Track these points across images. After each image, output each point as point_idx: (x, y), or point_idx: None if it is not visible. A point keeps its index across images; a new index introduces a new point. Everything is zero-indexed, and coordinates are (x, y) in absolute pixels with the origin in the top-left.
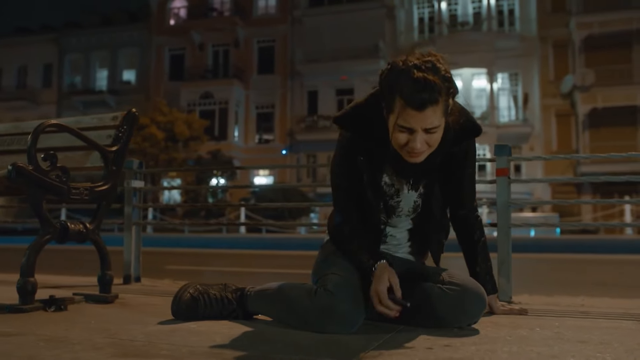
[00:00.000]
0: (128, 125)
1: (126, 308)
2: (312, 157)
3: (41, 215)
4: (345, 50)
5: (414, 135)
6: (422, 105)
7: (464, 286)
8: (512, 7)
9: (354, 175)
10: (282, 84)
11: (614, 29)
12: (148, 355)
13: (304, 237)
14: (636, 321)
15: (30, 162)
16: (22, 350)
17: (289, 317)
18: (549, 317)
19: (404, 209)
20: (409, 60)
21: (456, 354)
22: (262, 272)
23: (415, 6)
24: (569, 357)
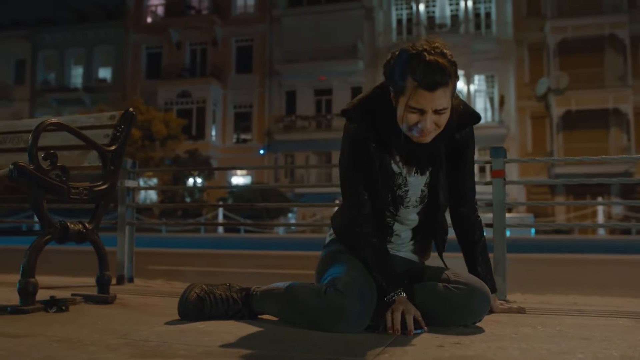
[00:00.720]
0: (126, 124)
1: (127, 309)
2: (290, 157)
3: (42, 216)
4: (324, 51)
5: (424, 115)
6: (434, 86)
7: (470, 285)
8: (489, 10)
9: (364, 165)
10: (260, 84)
11: (587, 34)
12: (166, 356)
13: (284, 237)
14: (631, 318)
15: (31, 162)
16: (38, 351)
17: (297, 316)
18: (547, 315)
19: (411, 198)
20: (417, 45)
21: (469, 351)
22: (244, 272)
23: (394, 8)
24: (577, 353)
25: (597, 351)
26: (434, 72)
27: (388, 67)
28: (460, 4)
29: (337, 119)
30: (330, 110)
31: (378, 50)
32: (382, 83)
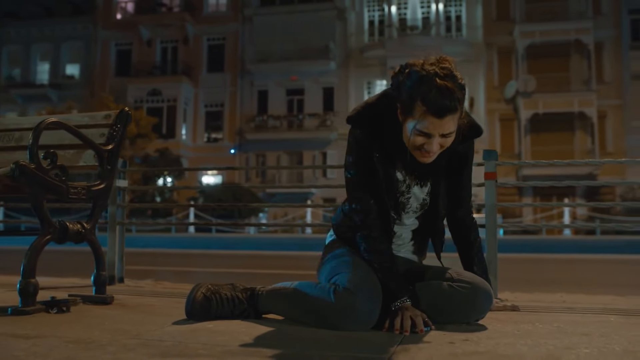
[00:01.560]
0: (121, 124)
1: (128, 309)
2: (261, 156)
3: (42, 216)
4: (296, 51)
5: (431, 139)
6: (443, 113)
7: (474, 284)
8: (460, 13)
9: (370, 171)
10: (232, 83)
11: (554, 39)
12: (186, 355)
13: (255, 237)
14: (621, 315)
15: (32, 161)
16: (56, 352)
17: (306, 315)
18: (542, 313)
19: (412, 205)
20: (427, 65)
21: (479, 348)
22: (221, 272)
23: (366, 9)
24: (582, 348)
25: (600, 346)
26: (443, 98)
27: (396, 82)
28: (431, 6)
29: (309, 118)
30: (302, 110)
31: (350, 51)
32: (389, 92)
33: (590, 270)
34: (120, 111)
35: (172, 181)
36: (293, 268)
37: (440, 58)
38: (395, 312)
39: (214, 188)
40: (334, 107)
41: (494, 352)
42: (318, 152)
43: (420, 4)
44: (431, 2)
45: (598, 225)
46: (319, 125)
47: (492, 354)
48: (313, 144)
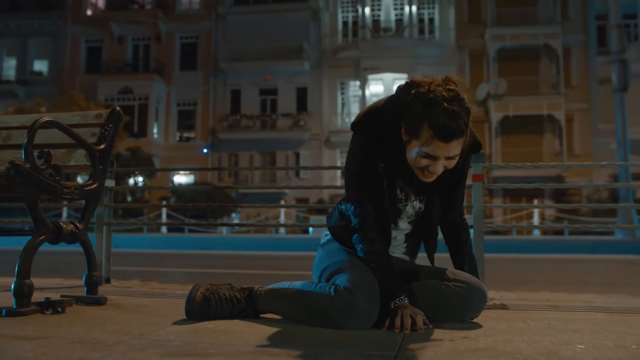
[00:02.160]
0: (113, 123)
1: (123, 310)
2: (234, 156)
3: (37, 216)
4: (270, 50)
5: (436, 161)
6: (450, 138)
7: (470, 283)
8: (432, 16)
9: (371, 177)
10: (205, 82)
11: (524, 43)
12: (197, 355)
13: (228, 236)
14: (605, 313)
15: (27, 160)
16: (65, 353)
17: (306, 315)
18: (530, 311)
19: (408, 212)
20: (434, 87)
21: (479, 344)
22: (198, 272)
23: (340, 10)
24: (577, 344)
25: (593, 342)
26: (451, 123)
27: (400, 100)
28: (404, 8)
29: (282, 118)
30: (275, 110)
31: (324, 52)
32: (393, 100)
33: (567, 269)
34: (111, 111)
35: (143, 180)
36: (271, 268)
37: (446, 79)
38: (395, 311)
39: (187, 188)
40: (308, 107)
41: (494, 348)
42: (291, 152)
43: (393, 6)
44: (404, 4)
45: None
46: (292, 125)
47: (494, 351)
48: (286, 144)
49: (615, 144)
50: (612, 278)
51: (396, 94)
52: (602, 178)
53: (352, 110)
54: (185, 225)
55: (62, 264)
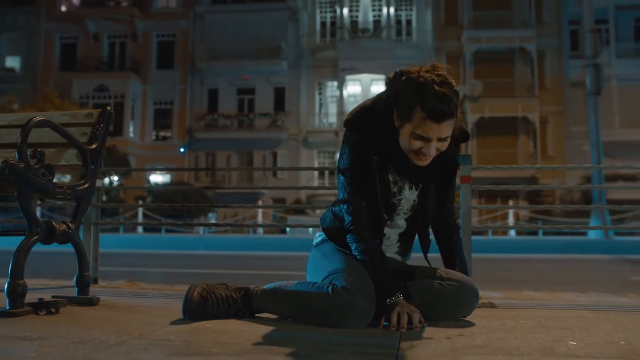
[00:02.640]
0: (104, 123)
1: (117, 310)
2: (211, 155)
3: (30, 215)
4: (248, 50)
5: (429, 143)
6: (441, 118)
7: (463, 282)
8: (410, 17)
9: (364, 174)
10: (182, 80)
11: (500, 46)
12: (203, 354)
13: (206, 237)
14: (590, 311)
15: (21, 160)
16: (69, 353)
17: (303, 314)
18: (517, 309)
19: (404, 207)
20: (423, 73)
21: (476, 342)
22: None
23: (318, 10)
24: (568, 341)
25: (583, 339)
26: (442, 104)
27: (391, 89)
28: (382, 10)
29: (260, 118)
30: (252, 109)
31: (302, 52)
32: (383, 96)
33: (544, 269)
34: (102, 110)
35: (118, 180)
36: (251, 268)
37: (434, 65)
38: (391, 309)
39: (164, 187)
40: (285, 107)
41: (490, 345)
42: (269, 152)
43: (371, 7)
44: (382, 6)
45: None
46: (270, 125)
47: (490, 348)
48: (264, 143)
49: (587, 145)
50: (589, 277)
51: (386, 87)
52: (575, 179)
53: (330, 111)
54: (175, 226)
55: (40, 264)
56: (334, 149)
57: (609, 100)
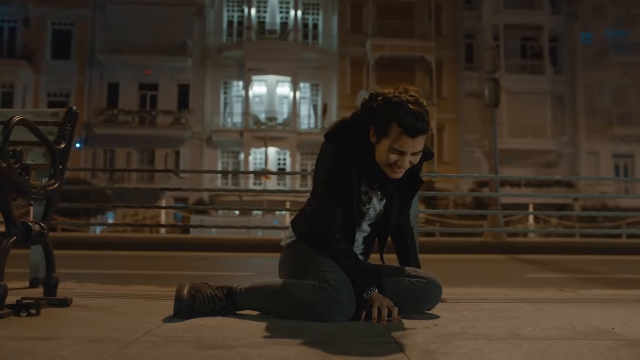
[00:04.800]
0: (71, 123)
1: (96, 310)
2: (110, 152)
3: (9, 216)
4: (152, 44)
5: (403, 157)
6: (416, 133)
7: (429, 279)
8: (317, 22)
9: (341, 184)
10: (80, 72)
11: (401, 54)
12: (224, 346)
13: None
14: (527, 303)
15: (2, 159)
16: (97, 349)
17: (288, 309)
18: (466, 303)
19: (371, 214)
20: (397, 94)
21: (453, 330)
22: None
23: (225, 9)
24: (526, 327)
25: (535, 325)
26: (417, 121)
27: (367, 108)
28: (290, 12)
29: (162, 115)
30: (155, 106)
31: (208, 50)
32: (359, 114)
33: (451, 268)
34: (68, 109)
35: None
36: (154, 268)
37: (406, 88)
38: (371, 303)
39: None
40: (189, 105)
41: (468, 332)
42: (171, 150)
43: (279, 9)
44: (290, 8)
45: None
46: (173, 122)
47: (469, 334)
48: (166, 141)
49: (479, 153)
50: (494, 275)
51: (361, 106)
52: (468, 184)
53: (235, 110)
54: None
55: None
56: (238, 149)
57: (499, 111)
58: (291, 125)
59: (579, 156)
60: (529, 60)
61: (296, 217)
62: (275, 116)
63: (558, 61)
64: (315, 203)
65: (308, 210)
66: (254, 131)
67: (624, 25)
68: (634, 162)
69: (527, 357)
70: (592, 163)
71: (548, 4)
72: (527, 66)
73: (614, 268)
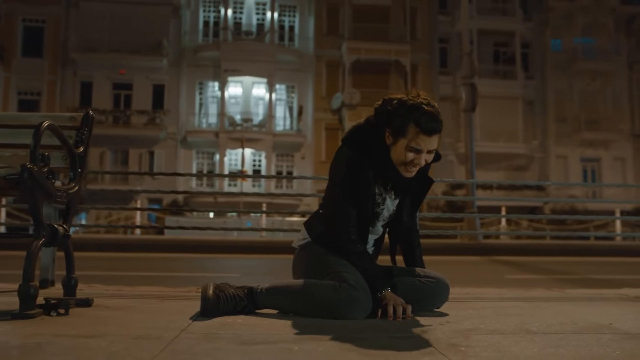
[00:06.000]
0: (88, 127)
1: (120, 310)
2: None
3: (39, 218)
4: (127, 44)
5: (419, 154)
6: (432, 132)
7: (438, 278)
8: (293, 24)
9: (356, 187)
10: (52, 71)
11: (377, 57)
12: (264, 342)
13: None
14: (522, 301)
15: (34, 164)
16: (148, 346)
17: (308, 308)
18: (468, 302)
19: (384, 215)
20: (412, 97)
21: (466, 326)
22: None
23: (202, 9)
24: (532, 322)
25: (540, 321)
26: (432, 121)
27: (382, 111)
28: (266, 14)
29: (136, 115)
30: (129, 106)
31: (183, 50)
32: (374, 121)
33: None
34: (85, 114)
35: None
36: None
37: (418, 93)
38: (386, 302)
39: None
40: (164, 105)
41: (480, 328)
42: (145, 151)
43: (255, 10)
44: (266, 10)
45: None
46: (148, 123)
47: (483, 329)
48: (140, 142)
49: (452, 155)
50: (476, 275)
51: (375, 111)
52: (441, 187)
53: (211, 111)
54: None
55: None
56: (214, 150)
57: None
58: (267, 127)
59: (549, 160)
60: (502, 66)
61: (310, 218)
62: (250, 117)
63: (529, 67)
64: (330, 205)
65: (323, 213)
66: (230, 132)
67: (592, 33)
68: (601, 166)
69: (542, 348)
70: (561, 167)
71: (520, 10)
72: (499, 71)
73: (585, 269)
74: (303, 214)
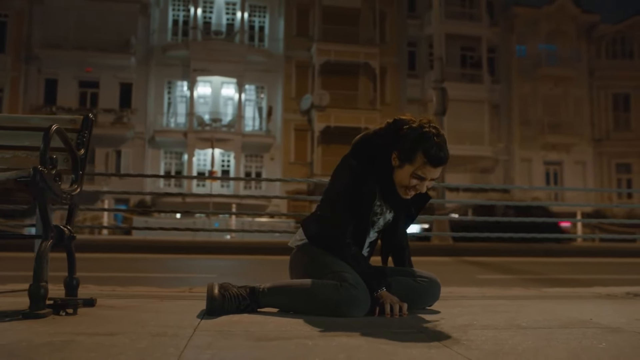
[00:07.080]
0: (88, 130)
1: (125, 309)
2: None
3: (47, 220)
4: (94, 41)
5: (423, 182)
6: (439, 163)
7: (431, 278)
8: (263, 24)
9: (357, 196)
10: (15, 67)
11: (346, 60)
12: (278, 338)
13: None
14: (505, 299)
15: (44, 166)
16: (166, 342)
17: (309, 306)
18: (454, 300)
19: (380, 223)
20: (422, 123)
21: (459, 322)
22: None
23: (171, 7)
24: (519, 319)
25: (526, 317)
26: (440, 153)
27: (391, 132)
28: (236, 14)
29: (103, 114)
30: (96, 104)
31: (152, 48)
32: (380, 134)
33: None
34: (85, 117)
35: None
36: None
37: (429, 120)
38: (382, 300)
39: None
40: (132, 104)
41: (474, 324)
42: (112, 150)
43: (225, 10)
44: (236, 10)
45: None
46: (115, 122)
47: (477, 325)
48: (107, 141)
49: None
50: (448, 276)
51: (384, 127)
52: None
53: (179, 111)
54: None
55: None
56: (182, 150)
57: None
58: (236, 127)
59: (514, 162)
60: (468, 70)
61: (307, 219)
62: (219, 117)
63: (495, 71)
64: (327, 209)
65: (320, 215)
66: (198, 132)
67: (556, 40)
68: (563, 169)
69: (536, 341)
70: (525, 169)
71: (487, 16)
72: (466, 75)
73: (550, 269)
74: (272, 214)
